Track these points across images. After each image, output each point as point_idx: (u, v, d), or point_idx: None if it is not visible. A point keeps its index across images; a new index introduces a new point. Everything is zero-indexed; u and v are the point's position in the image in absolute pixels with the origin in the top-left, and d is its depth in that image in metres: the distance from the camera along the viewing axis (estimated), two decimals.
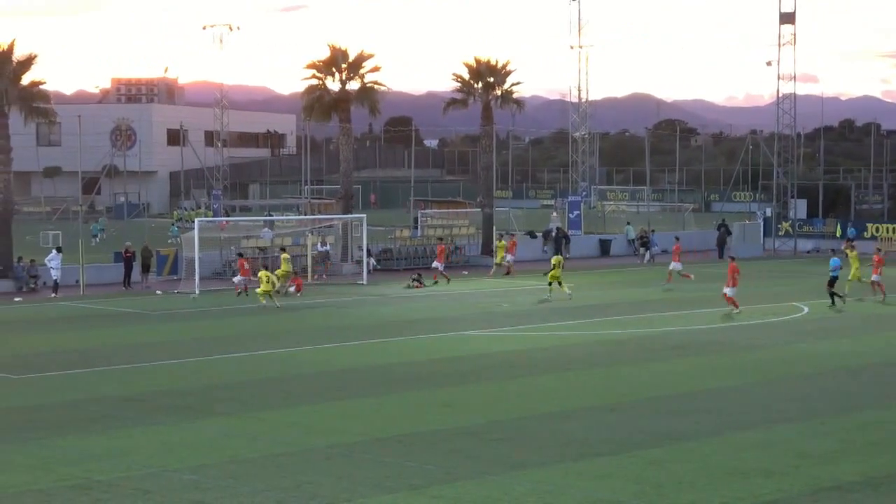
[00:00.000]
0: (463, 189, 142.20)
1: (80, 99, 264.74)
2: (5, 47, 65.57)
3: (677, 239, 65.26)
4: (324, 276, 65.16)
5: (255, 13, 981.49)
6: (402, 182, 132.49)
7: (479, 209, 79.73)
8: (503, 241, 69.57)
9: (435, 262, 64.45)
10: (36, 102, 67.13)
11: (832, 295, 51.85)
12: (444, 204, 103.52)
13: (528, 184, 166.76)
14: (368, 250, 67.45)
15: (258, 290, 52.64)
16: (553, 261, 56.42)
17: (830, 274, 52.24)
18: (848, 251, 56.89)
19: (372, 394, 32.33)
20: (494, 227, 76.87)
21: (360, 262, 66.48)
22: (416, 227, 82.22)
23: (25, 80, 65.83)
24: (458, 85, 79.21)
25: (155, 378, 35.22)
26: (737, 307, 49.38)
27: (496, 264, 67.62)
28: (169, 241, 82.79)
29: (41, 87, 67.19)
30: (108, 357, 39.06)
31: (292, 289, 57.53)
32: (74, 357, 39.19)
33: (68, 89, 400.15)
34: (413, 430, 27.42)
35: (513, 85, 79.69)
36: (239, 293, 57.17)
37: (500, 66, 78.87)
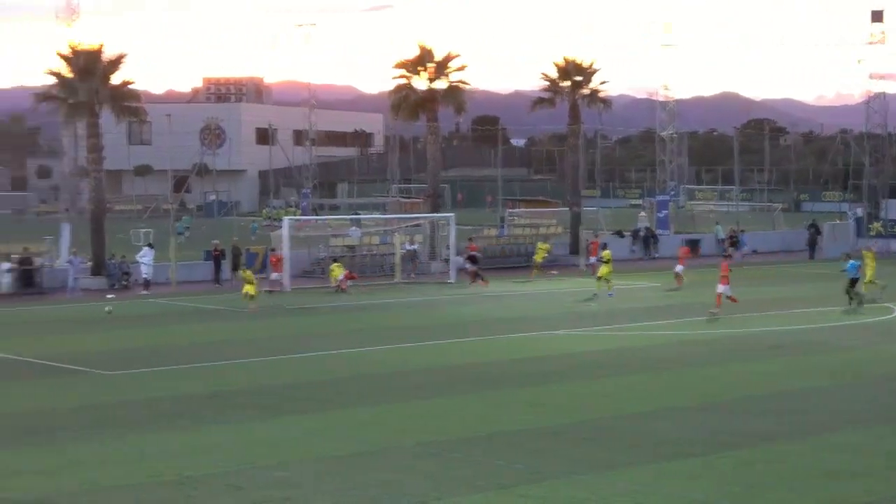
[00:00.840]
0: (550, 188, 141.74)
1: (171, 98, 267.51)
2: (95, 47, 66.34)
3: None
4: (412, 275, 65.17)
5: (341, 13, 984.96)
6: (489, 181, 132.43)
7: (567, 208, 79.46)
8: (545, 245, 68.55)
9: (467, 263, 63.43)
10: (126, 102, 67.78)
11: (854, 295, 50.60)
12: (531, 203, 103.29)
13: (615, 183, 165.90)
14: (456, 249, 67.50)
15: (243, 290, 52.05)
16: (604, 256, 56.56)
17: (851, 276, 50.74)
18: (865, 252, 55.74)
19: (459, 392, 32.26)
20: (582, 226, 76.56)
21: (447, 261, 66.45)
22: (503, 227, 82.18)
23: (115, 79, 66.46)
24: (545, 84, 79.01)
25: (235, 375, 35.45)
26: (718, 307, 48.40)
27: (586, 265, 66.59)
28: (252, 237, 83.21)
29: (131, 86, 67.80)
30: (196, 354, 39.37)
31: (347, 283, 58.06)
32: (162, 353, 39.49)
33: (158, 89, 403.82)
34: (500, 430, 27.27)
35: (600, 84, 79.41)
36: (337, 290, 57.64)
37: (587, 65, 78.59)
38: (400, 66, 73.93)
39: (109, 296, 58.29)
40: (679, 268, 59.92)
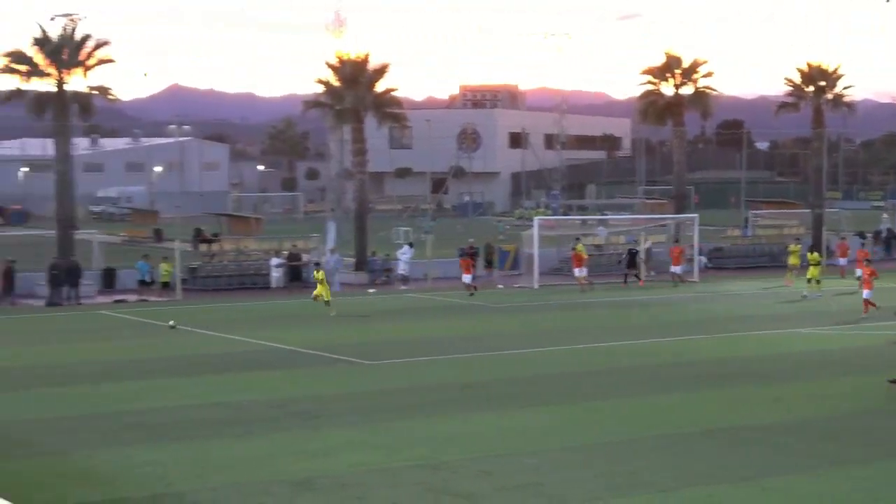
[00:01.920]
0: (793, 190, 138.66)
1: (430, 105, 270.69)
2: (361, 57, 67.61)
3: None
4: (650, 273, 64.56)
5: (592, 22, 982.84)
6: (733, 183, 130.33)
7: (809, 210, 77.69)
8: (797, 247, 63.34)
9: (576, 269, 59.53)
10: (389, 108, 68.94)
11: None
12: (774, 204, 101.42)
13: (857, 185, 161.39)
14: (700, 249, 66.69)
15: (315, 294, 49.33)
16: (810, 258, 55.16)
17: None
18: None
19: (702, 387, 31.83)
20: (824, 228, 74.72)
21: (691, 261, 65.68)
22: (747, 227, 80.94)
23: (379, 87, 67.64)
24: (789, 89, 77.39)
25: (490, 366, 35.64)
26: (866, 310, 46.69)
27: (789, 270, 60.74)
28: (500, 237, 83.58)
29: (393, 93, 68.95)
30: (450, 346, 39.74)
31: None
32: (419, 345, 40.02)
33: (419, 96, 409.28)
34: (742, 423, 26.82)
35: (844, 89, 77.27)
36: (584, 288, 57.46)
37: (831, 70, 76.62)
38: (648, 72, 73.84)
39: (371, 290, 59.43)
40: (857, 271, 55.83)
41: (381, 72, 67.55)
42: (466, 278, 56.44)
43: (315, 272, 49.90)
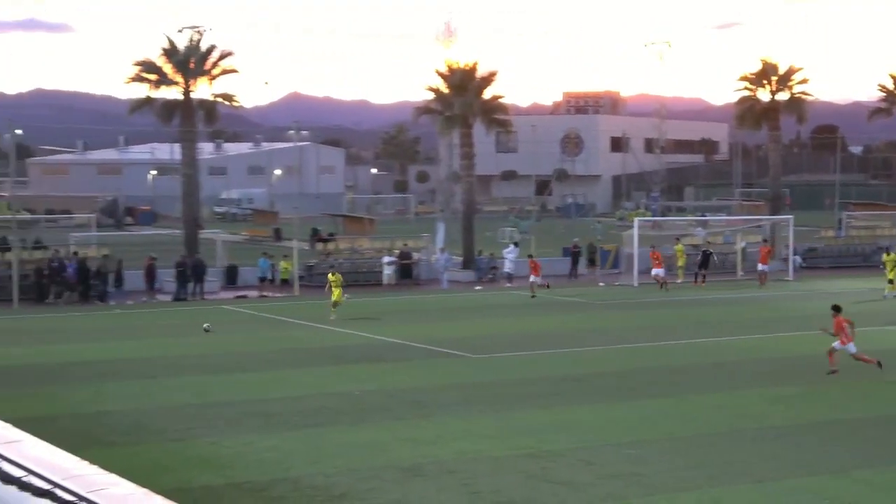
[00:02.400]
0: (886, 192, 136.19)
1: (534, 111, 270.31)
2: (470, 66, 67.72)
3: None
4: (741, 273, 63.70)
5: (692, 30, 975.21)
6: (827, 185, 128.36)
7: None
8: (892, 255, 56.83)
9: (654, 269, 57.85)
10: (496, 114, 69.11)
11: None
12: (867, 206, 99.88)
13: None
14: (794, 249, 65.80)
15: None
16: (886, 259, 54.05)
17: None
18: None
19: (801, 382, 31.35)
20: None
21: (785, 260, 64.84)
22: (840, 228, 79.81)
23: (487, 94, 67.79)
24: (882, 95, 76.22)
25: (593, 360, 35.46)
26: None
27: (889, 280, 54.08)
28: (598, 237, 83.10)
29: (500, 100, 69.06)
30: (553, 340, 39.65)
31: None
32: (525, 339, 39.94)
33: (524, 102, 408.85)
34: (837, 418, 26.42)
35: None
36: (661, 286, 56.81)
37: None
38: (744, 79, 73.48)
39: (477, 287, 59.45)
40: None
41: (488, 80, 67.66)
42: (535, 279, 54.71)
43: (330, 275, 47.38)
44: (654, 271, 57.67)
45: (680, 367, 34.29)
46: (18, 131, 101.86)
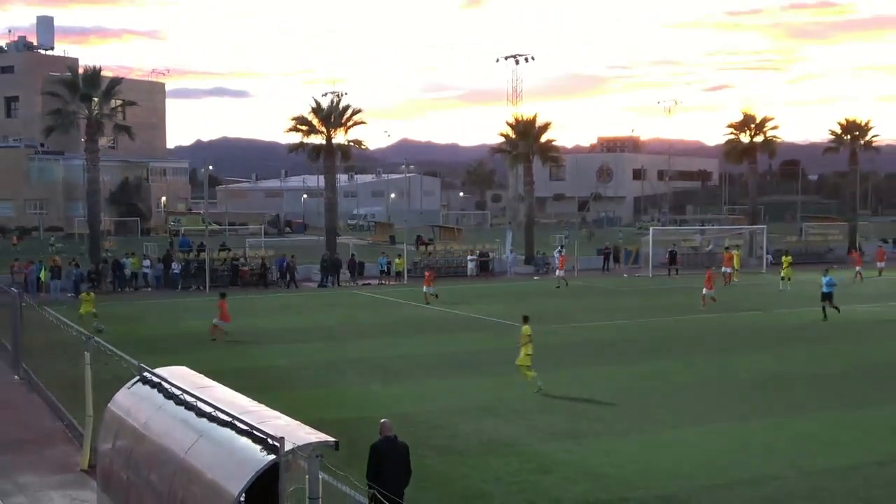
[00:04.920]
0: (835, 208, 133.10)
1: (577, 150, 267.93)
2: (531, 118, 67.85)
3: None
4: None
5: (691, 91, 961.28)
6: (790, 204, 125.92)
7: (846, 222, 74.58)
8: (789, 257, 53.04)
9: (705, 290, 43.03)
10: (549, 153, 69.24)
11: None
12: (821, 219, 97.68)
13: (882, 205, 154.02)
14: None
15: None
16: (783, 259, 52.11)
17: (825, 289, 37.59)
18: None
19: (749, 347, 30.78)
20: (858, 235, 71.65)
21: (760, 259, 63.55)
22: (801, 235, 78.16)
23: (543, 138, 67.77)
24: (832, 137, 74.57)
25: (621, 330, 34.82)
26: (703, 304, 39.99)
27: None
28: (619, 240, 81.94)
29: (552, 142, 69.05)
30: (589, 315, 39.01)
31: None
32: (572, 313, 39.14)
33: (569, 144, 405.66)
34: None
35: (872, 136, 74.25)
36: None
37: (863, 123, 73.79)
38: (730, 126, 72.83)
39: (535, 277, 59.15)
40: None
41: (544, 128, 67.79)
42: (560, 273, 53.39)
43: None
44: (704, 291, 42.54)
45: (694, 335, 33.81)
46: (211, 167, 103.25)
